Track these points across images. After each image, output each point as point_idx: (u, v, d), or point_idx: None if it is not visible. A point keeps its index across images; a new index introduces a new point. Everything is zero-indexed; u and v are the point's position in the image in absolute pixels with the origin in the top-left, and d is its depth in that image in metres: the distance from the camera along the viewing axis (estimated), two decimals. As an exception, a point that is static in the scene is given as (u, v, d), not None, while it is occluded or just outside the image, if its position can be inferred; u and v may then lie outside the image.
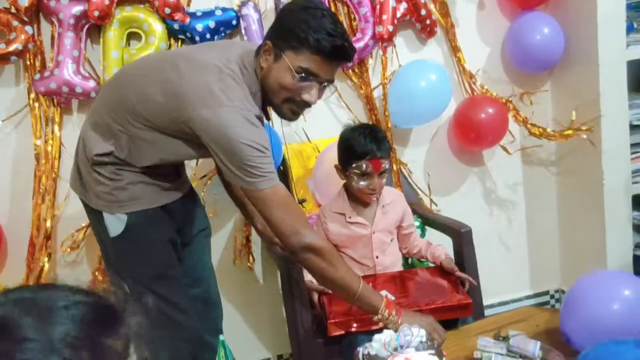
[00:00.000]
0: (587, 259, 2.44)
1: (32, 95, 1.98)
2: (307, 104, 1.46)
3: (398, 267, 1.97)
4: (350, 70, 2.26)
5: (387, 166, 1.85)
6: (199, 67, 1.40)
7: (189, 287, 1.67)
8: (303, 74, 1.40)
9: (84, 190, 1.55)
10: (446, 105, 2.26)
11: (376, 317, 1.50)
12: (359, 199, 1.88)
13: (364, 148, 1.79)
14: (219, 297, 1.83)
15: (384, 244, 1.91)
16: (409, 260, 2.13)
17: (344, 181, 1.89)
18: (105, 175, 1.49)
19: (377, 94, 2.31)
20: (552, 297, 2.73)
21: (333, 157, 1.94)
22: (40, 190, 2.01)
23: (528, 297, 2.71)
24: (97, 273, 2.09)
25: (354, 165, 1.80)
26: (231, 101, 1.35)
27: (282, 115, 1.52)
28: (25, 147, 2.03)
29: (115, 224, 1.50)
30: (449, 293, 1.75)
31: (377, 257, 1.90)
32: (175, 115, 1.38)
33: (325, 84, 1.45)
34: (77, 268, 2.12)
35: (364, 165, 1.79)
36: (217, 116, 1.34)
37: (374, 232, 1.89)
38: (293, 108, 1.48)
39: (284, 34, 1.40)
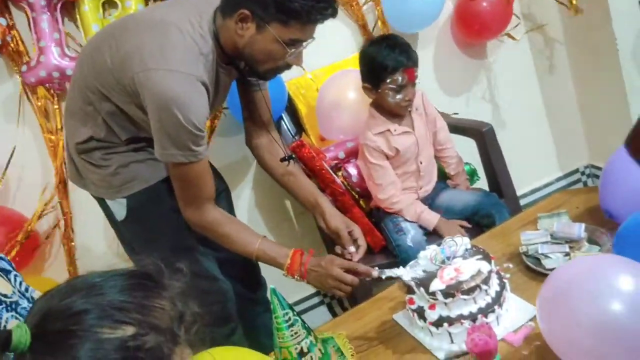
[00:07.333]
0: (612, 128, 2.38)
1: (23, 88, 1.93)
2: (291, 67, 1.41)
3: (434, 168, 1.97)
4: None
5: (417, 73, 1.80)
6: (146, 26, 1.33)
7: (216, 251, 1.63)
8: (293, 45, 1.33)
9: (82, 179, 1.53)
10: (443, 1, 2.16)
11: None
12: (393, 113, 1.84)
13: (396, 60, 1.74)
14: None
15: (426, 147, 1.91)
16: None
17: (371, 102, 1.85)
18: (94, 164, 1.46)
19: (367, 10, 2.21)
20: (582, 173, 2.71)
21: (334, 91, 1.92)
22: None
23: (559, 179, 2.70)
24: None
25: (388, 81, 1.76)
26: (172, 64, 1.27)
27: (262, 77, 1.46)
28: (39, 144, 2.00)
29: (118, 208, 1.50)
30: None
31: (421, 163, 1.89)
32: (122, 80, 1.32)
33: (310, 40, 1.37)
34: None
35: (400, 78, 1.75)
36: (152, 80, 1.26)
37: (418, 137, 1.87)
38: (277, 72, 1.43)
39: (266, 4, 1.27)
